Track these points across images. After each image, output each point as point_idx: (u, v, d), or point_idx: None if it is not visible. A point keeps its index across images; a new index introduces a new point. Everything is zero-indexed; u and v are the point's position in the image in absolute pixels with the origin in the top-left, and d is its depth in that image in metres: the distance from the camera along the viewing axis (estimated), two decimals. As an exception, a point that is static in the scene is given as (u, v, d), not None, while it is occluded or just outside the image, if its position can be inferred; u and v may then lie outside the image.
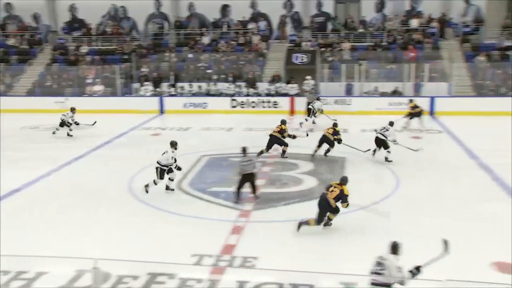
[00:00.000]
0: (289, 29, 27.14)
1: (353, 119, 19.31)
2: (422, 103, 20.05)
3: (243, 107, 21.74)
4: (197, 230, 8.90)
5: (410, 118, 17.78)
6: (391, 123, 13.48)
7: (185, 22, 27.78)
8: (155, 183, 10.67)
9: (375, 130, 13.71)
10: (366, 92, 21.92)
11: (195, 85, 22.90)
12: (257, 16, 27.44)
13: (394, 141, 13.20)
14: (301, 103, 20.96)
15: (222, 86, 22.64)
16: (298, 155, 13.90)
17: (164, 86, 23.13)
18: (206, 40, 26.14)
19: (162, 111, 22.06)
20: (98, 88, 23.63)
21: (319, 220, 8.51)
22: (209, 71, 23.90)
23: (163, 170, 10.64)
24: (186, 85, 23.14)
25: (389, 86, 21.75)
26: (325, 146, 13.61)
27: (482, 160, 13.12)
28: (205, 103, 22.03)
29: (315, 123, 18.18)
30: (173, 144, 10.79)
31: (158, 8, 28.59)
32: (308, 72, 22.55)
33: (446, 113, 19.74)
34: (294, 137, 13.86)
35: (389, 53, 23.54)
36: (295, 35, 26.24)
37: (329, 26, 26.47)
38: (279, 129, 13.75)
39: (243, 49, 25.12)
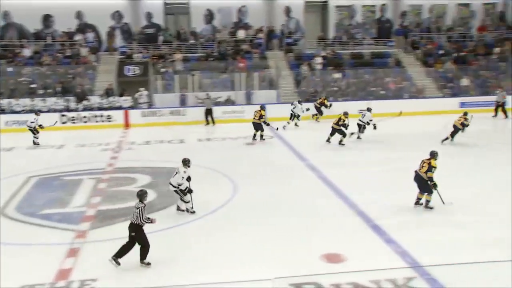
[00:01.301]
0: (119, 41, 26.42)
1: (189, 129, 19.51)
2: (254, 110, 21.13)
3: (74, 122, 20.57)
4: (27, 258, 8.15)
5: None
6: (369, 109, 16.88)
7: (0, 32, 25.44)
8: (186, 201, 9.86)
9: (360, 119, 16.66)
10: (200, 102, 22.24)
11: (20, 101, 20.94)
12: (84, 27, 26.17)
13: (370, 121, 16.55)
14: (135, 116, 20.56)
15: (50, 101, 21.13)
16: (135, 168, 13.59)
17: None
18: (27, 52, 24.21)
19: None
20: None
21: (417, 201, 10.11)
22: (33, 85, 22.14)
23: (182, 190, 9.74)
24: (5, 101, 21.02)
25: (222, 95, 22.38)
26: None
27: (310, 162, 14.18)
28: (32, 120, 20.25)
29: (297, 125, 19.72)
30: (186, 163, 9.82)
31: (-33, 17, 25.75)
32: (141, 84, 22.22)
33: (276, 119, 20.83)
34: (268, 124, 16.97)
35: (221, 63, 24.26)
36: (125, 47, 25.64)
37: (161, 37, 26.38)
38: (259, 115, 16.78)
39: (71, 62, 23.81)
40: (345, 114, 16.15)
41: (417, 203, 10.21)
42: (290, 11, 27.84)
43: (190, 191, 9.74)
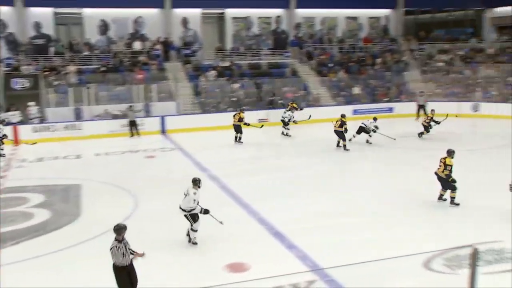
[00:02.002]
0: (3, 52, 24.66)
1: (85, 143, 18.75)
2: (153, 122, 20.86)
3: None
4: None
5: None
6: (375, 118, 17.70)
7: None
8: (194, 230, 8.87)
9: (362, 123, 17.53)
10: (97, 116, 21.47)
11: None
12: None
13: (376, 127, 17.36)
14: (26, 131, 19.35)
15: None
16: (26, 187, 12.77)
17: None
18: None
19: None
20: None
21: (440, 196, 10.83)
22: None
23: (193, 215, 8.79)
24: None
25: (120, 108, 21.72)
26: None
27: (211, 172, 14.20)
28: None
29: (286, 134, 19.64)
30: (196, 183, 8.88)
31: None
32: (31, 98, 20.94)
33: (176, 131, 20.77)
34: (248, 125, 18.21)
35: (117, 75, 23.57)
36: (11, 58, 24.01)
37: (52, 48, 25.06)
38: (238, 118, 18.03)
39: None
40: (343, 116, 17.07)
41: (440, 198, 10.88)
42: (187, 22, 27.80)
43: (206, 211, 8.84)
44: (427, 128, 18.58)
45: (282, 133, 19.89)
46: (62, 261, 8.36)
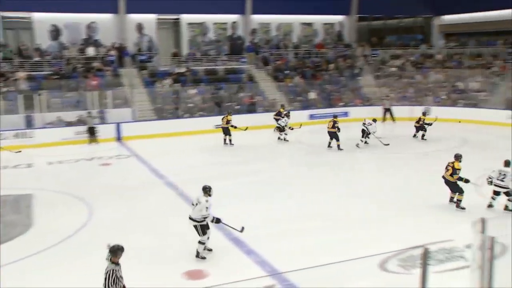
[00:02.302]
0: None
1: (37, 151, 18.22)
2: (109, 129, 20.50)
3: None
4: None
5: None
6: (375, 120, 18.17)
7: None
8: (202, 243, 8.47)
9: (364, 123, 17.94)
10: (49, 123, 20.89)
11: None
12: None
13: (374, 132, 17.75)
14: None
15: None
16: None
17: None
18: None
19: None
20: None
21: (451, 198, 10.98)
22: None
23: (203, 226, 8.44)
24: None
25: (74, 115, 21.23)
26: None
27: (168, 179, 14.07)
28: None
29: (283, 139, 19.52)
30: (206, 190, 8.53)
31: None
32: (-22, 105, 20.20)
33: (132, 138, 20.45)
34: (235, 127, 18.62)
35: (71, 81, 23.01)
36: (-46, 64, 23.07)
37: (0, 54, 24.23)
38: (226, 120, 18.58)
39: None
40: (335, 116, 17.73)
41: (451, 200, 11.00)
42: (142, 27, 27.49)
43: (218, 220, 8.62)
44: (419, 129, 19.36)
45: (279, 138, 19.82)
46: (16, 273, 8.08)
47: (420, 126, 19.27)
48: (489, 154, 16.13)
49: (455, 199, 10.98)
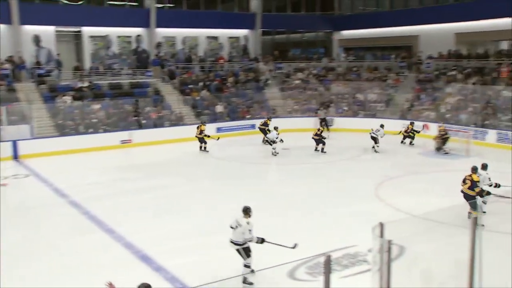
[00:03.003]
0: None
1: None
2: (4, 147, 19.26)
3: None
4: None
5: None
6: (382, 125, 19.56)
7: None
8: (247, 266, 7.98)
9: (372, 129, 19.31)
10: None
11: None
12: None
13: (382, 136, 19.09)
14: None
15: None
16: None
17: None
18: None
19: None
20: None
21: (469, 214, 9.80)
22: None
23: (246, 249, 7.95)
24: None
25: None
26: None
27: (72, 198, 13.45)
28: None
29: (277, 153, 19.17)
30: (247, 212, 8.01)
31: None
32: None
33: (31, 156, 19.28)
34: (208, 136, 19.96)
35: (-41, 96, 21.34)
36: None
37: None
38: (199, 131, 19.88)
39: None
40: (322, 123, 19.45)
41: (469, 217, 9.85)
42: (39, 40, 26.12)
43: (262, 240, 8.04)
44: (406, 136, 21.17)
45: (273, 154, 19.19)
46: None
47: (408, 134, 21.12)
48: (388, 161, 17.19)
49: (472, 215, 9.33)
